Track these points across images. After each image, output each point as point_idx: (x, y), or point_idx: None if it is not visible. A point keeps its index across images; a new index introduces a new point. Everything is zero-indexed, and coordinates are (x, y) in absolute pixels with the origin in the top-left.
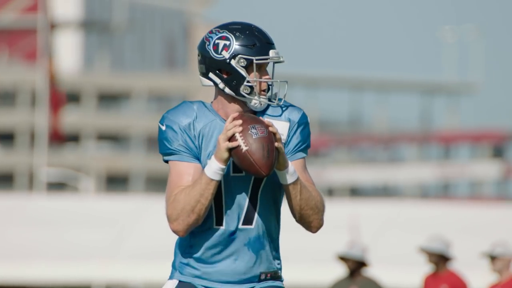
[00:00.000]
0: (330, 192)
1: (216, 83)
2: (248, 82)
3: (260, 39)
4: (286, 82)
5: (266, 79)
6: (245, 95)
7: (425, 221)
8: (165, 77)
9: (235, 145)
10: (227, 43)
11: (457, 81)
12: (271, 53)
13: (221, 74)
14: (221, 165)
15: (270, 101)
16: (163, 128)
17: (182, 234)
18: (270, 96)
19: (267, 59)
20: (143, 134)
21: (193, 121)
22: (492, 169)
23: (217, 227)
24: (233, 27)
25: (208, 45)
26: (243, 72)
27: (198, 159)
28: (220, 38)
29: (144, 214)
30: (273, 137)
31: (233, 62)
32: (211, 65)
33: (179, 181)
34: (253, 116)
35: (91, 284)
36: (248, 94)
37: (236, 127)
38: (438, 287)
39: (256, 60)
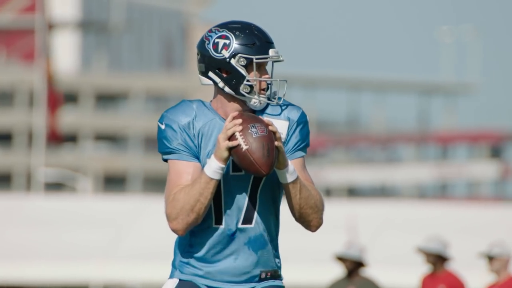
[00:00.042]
0: (328, 192)
1: (216, 82)
2: (248, 81)
3: (259, 38)
4: (286, 81)
5: (266, 78)
6: (245, 94)
7: (422, 221)
8: (163, 77)
9: (235, 144)
10: (227, 42)
11: (454, 81)
12: (271, 52)
13: (220, 73)
14: (220, 164)
15: (270, 100)
16: (163, 127)
17: (181, 233)
18: (269, 95)
19: (266, 58)
20: (141, 134)
21: (193, 120)
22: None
23: (216, 226)
24: (233, 26)
25: (208, 44)
26: (243, 71)
27: (198, 158)
28: (219, 37)
29: (142, 214)
30: (273, 136)
31: (233, 61)
32: (210, 64)
33: (178, 180)
34: (253, 115)
35: (88, 284)
36: (247, 93)
37: (236, 126)
38: (435, 287)
39: (256, 59)
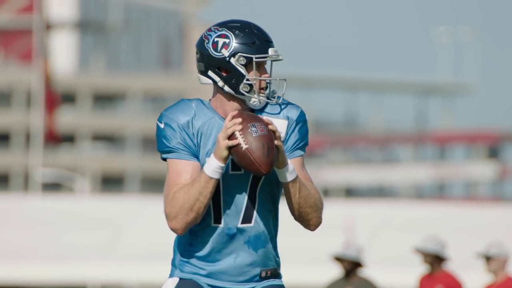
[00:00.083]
0: (325, 193)
1: (215, 81)
2: (247, 80)
3: (259, 37)
4: (285, 80)
5: (265, 77)
6: (245, 93)
7: (420, 221)
8: (160, 77)
9: (235, 143)
10: (227, 41)
11: (452, 81)
12: (270, 51)
13: (220, 72)
14: (220, 163)
15: (269, 99)
16: (162, 126)
17: (180, 232)
18: (268, 94)
19: (266, 57)
20: (139, 135)
21: (192, 119)
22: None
23: (215, 225)
24: (232, 25)
25: (207, 43)
26: (242, 70)
27: (197, 157)
28: (219, 36)
29: (140, 215)
30: (272, 135)
31: (232, 60)
32: (210, 63)
33: (177, 179)
34: (252, 114)
35: (86, 284)
36: (247, 92)
37: (235, 125)
38: (433, 287)
39: (255, 58)
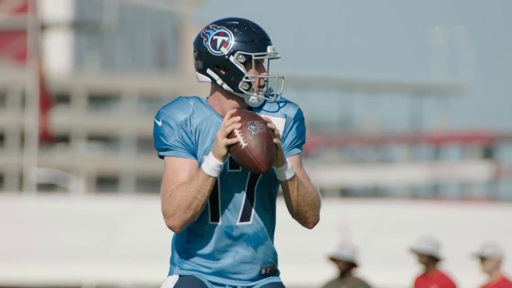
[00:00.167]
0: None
1: (214, 79)
2: (246, 78)
3: (258, 35)
4: (283, 78)
5: (264, 75)
6: (244, 91)
7: (415, 222)
8: (155, 78)
9: (234, 141)
10: (226, 39)
11: (447, 82)
12: (269, 49)
13: (219, 70)
14: (219, 161)
15: (268, 97)
16: (159, 124)
17: (177, 230)
18: (265, 92)
19: (265, 55)
20: (134, 135)
21: (190, 116)
22: (482, 170)
23: (213, 223)
24: (231, 23)
25: (206, 41)
26: (241, 68)
27: (194, 155)
28: (218, 34)
29: (135, 215)
30: (271, 133)
31: (232, 58)
32: (208, 61)
33: (175, 177)
34: (251, 112)
35: (81, 284)
36: (246, 90)
37: (234, 123)
38: (428, 287)
39: (255, 56)
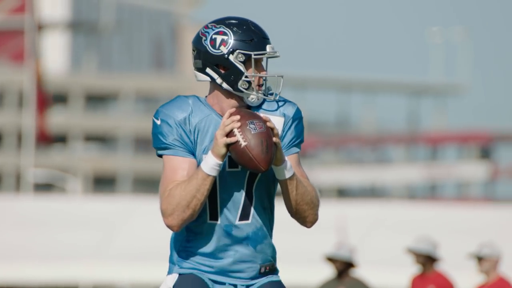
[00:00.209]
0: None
1: (213, 78)
2: (246, 77)
3: (257, 34)
4: (282, 77)
5: (264, 74)
6: (243, 90)
7: (412, 222)
8: (152, 78)
9: (233, 140)
10: (225, 38)
11: (444, 82)
12: (268, 48)
13: (218, 69)
14: (218, 160)
15: (267, 96)
16: (158, 122)
17: (176, 229)
18: (264, 91)
19: (264, 54)
20: (131, 135)
21: (189, 115)
22: (479, 170)
23: (212, 222)
24: (230, 22)
25: (205, 40)
26: (241, 67)
27: (193, 154)
28: (217, 33)
29: (132, 215)
30: (271, 132)
31: (231, 57)
32: (208, 60)
33: (173, 176)
34: (250, 111)
35: (78, 284)
36: (246, 89)
37: (234, 122)
38: None
39: (254, 55)
